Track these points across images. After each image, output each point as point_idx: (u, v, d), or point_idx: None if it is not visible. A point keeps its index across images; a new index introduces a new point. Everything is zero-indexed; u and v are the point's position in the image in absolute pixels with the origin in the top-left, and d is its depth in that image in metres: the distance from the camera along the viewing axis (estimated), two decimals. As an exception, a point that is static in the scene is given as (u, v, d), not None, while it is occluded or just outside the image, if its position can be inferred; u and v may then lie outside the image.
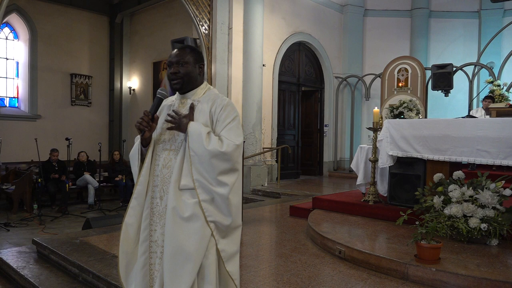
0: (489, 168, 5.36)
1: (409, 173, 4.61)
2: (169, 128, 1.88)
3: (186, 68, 1.93)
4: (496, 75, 9.00)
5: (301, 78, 10.99)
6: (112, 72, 12.71)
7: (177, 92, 2.04)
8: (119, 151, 9.79)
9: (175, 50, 1.98)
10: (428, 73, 9.88)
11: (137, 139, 1.98)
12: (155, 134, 1.97)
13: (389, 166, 4.67)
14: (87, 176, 8.65)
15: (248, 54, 8.84)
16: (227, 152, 1.79)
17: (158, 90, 1.94)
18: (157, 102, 1.93)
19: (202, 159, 1.79)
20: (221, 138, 1.84)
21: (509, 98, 7.61)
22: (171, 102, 2.04)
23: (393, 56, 10.20)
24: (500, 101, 7.09)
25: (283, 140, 10.38)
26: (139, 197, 1.92)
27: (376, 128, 4.89)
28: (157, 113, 1.97)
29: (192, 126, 1.83)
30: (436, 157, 4.22)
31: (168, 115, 1.86)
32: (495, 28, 10.42)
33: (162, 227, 1.86)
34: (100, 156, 8.40)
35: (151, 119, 1.89)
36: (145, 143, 1.93)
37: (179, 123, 1.84)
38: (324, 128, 11.63)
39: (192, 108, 1.90)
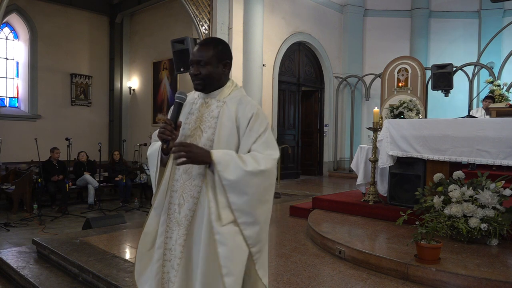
0: (489, 168, 5.35)
1: (409, 173, 4.61)
2: (179, 164, 1.65)
3: (207, 69, 1.74)
4: (496, 75, 9.00)
5: (301, 78, 10.99)
6: (112, 72, 12.71)
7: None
8: (119, 151, 9.79)
9: (198, 45, 1.79)
10: (428, 73, 9.87)
11: (155, 135, 1.82)
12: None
13: (389, 166, 4.67)
14: (87, 176, 8.64)
15: (248, 54, 8.83)
16: (267, 169, 1.65)
17: (176, 94, 1.77)
18: (178, 107, 1.75)
19: (239, 183, 1.62)
20: (254, 154, 1.67)
21: (509, 98, 7.61)
22: (193, 100, 1.87)
23: (393, 56, 10.20)
24: (500, 101, 7.09)
25: (283, 140, 10.37)
26: (158, 207, 1.83)
27: (376, 128, 4.89)
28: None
29: (217, 154, 1.63)
30: (436, 157, 4.21)
31: (175, 147, 1.64)
32: (495, 28, 10.42)
33: (178, 234, 1.76)
34: (100, 156, 8.39)
35: (174, 127, 1.71)
36: (166, 152, 1.78)
37: (190, 155, 1.61)
38: (324, 128, 11.63)
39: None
